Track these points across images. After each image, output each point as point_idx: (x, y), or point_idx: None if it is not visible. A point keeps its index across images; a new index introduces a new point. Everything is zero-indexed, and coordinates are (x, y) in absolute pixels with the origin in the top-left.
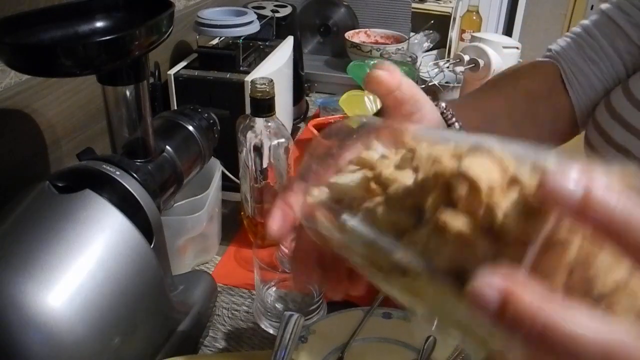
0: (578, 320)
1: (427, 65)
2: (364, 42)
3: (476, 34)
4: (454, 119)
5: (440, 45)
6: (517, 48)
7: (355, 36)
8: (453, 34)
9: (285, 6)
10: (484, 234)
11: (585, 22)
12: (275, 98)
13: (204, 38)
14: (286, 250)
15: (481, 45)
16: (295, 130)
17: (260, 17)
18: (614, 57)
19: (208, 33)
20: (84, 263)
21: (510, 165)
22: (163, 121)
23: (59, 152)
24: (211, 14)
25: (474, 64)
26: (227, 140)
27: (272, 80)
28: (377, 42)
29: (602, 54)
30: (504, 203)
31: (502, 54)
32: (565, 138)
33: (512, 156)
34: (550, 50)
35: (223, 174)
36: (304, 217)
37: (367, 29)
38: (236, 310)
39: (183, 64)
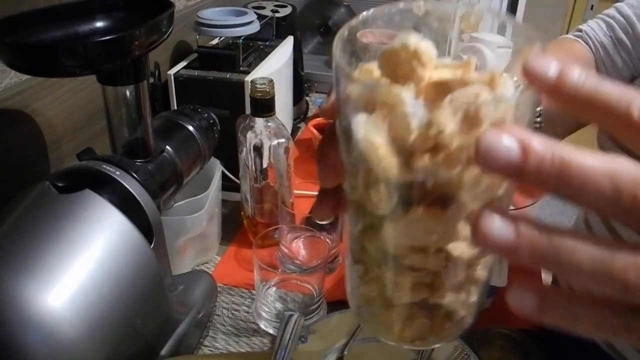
0: (582, 155)
1: None
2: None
3: (475, 34)
4: None
5: None
6: (509, 47)
7: None
8: (452, 34)
9: (285, 6)
10: None
11: (619, 3)
12: (275, 98)
13: (204, 38)
14: (286, 250)
15: (478, 45)
16: (295, 130)
17: (260, 17)
18: None
19: (208, 33)
20: (84, 263)
21: None
22: (163, 121)
23: (59, 152)
24: (211, 14)
25: None
26: (227, 140)
27: (272, 80)
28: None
29: (633, 36)
30: None
31: (497, 53)
32: (576, 127)
33: None
34: (580, 30)
35: (223, 174)
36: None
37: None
38: (236, 310)
39: (183, 64)
